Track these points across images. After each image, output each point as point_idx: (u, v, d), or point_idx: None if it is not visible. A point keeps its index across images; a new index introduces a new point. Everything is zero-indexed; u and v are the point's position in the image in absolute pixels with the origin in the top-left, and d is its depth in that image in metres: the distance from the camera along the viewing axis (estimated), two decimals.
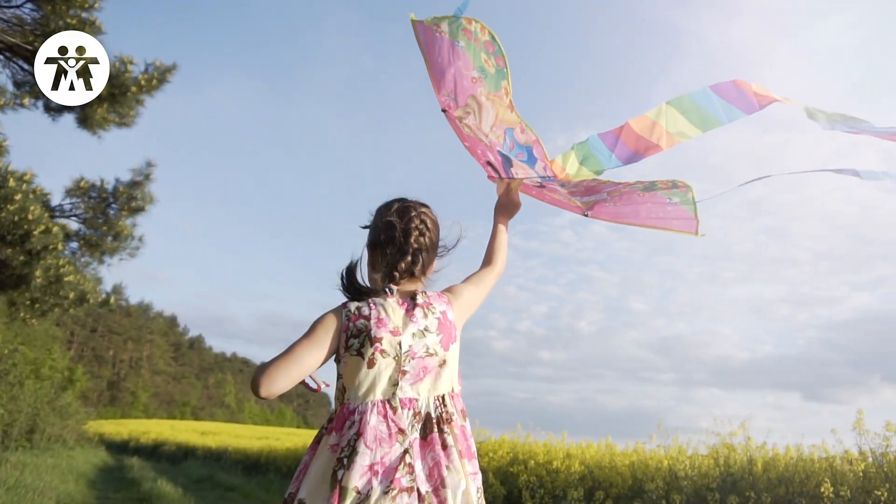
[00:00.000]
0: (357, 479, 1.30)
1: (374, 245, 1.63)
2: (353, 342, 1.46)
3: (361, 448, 1.33)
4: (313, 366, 1.45)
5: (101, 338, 77.84)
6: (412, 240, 1.58)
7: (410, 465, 1.35)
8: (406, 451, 1.36)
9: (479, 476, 1.47)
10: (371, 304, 1.51)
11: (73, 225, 6.13)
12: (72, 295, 5.19)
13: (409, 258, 1.57)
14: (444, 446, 1.41)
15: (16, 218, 4.52)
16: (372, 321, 1.47)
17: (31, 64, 5.55)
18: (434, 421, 1.43)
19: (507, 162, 1.82)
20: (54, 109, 5.91)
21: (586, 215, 1.95)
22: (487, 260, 1.82)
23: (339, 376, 1.50)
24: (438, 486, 1.36)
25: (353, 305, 1.51)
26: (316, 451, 1.42)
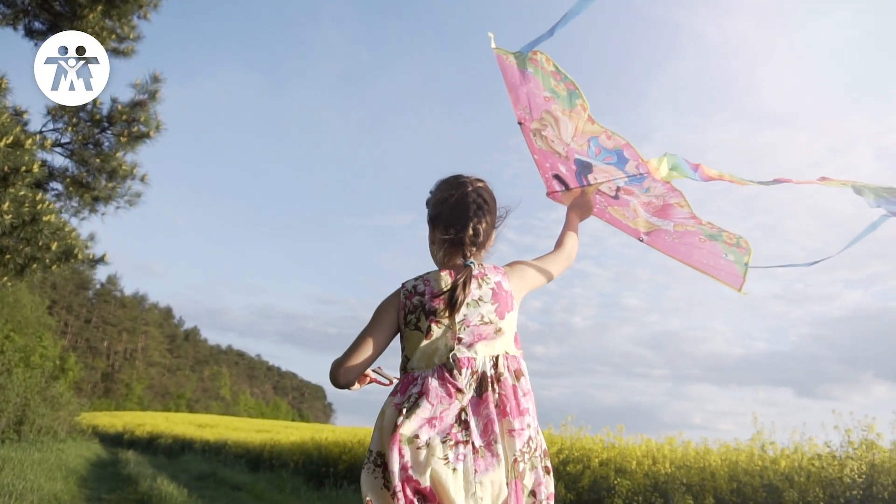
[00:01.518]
0: (416, 427, 1.39)
1: (434, 219, 1.67)
2: (411, 318, 1.56)
3: (423, 402, 1.42)
4: (376, 351, 1.58)
5: (96, 328, 76.96)
6: (471, 213, 1.61)
7: (465, 422, 1.42)
8: (462, 409, 1.44)
9: (525, 432, 1.45)
10: (425, 281, 1.59)
11: (58, 160, 5.11)
12: (54, 246, 4.11)
13: (470, 231, 1.60)
14: (496, 404, 1.46)
15: None
16: (426, 297, 1.55)
17: None
18: (489, 379, 1.48)
19: (586, 168, 1.90)
20: (38, 33, 4.91)
21: (642, 240, 2.04)
22: (558, 244, 1.86)
23: (402, 349, 1.59)
24: (491, 441, 1.41)
25: (409, 284, 1.61)
26: (381, 411, 1.50)
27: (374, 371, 1.73)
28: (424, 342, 1.50)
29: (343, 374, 1.55)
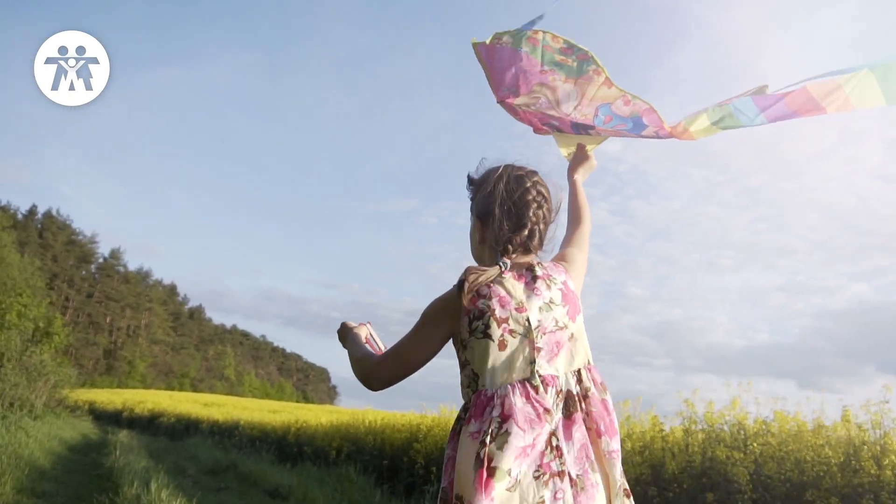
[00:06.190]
0: (511, 460, 1.22)
1: (485, 216, 1.50)
2: (478, 324, 1.36)
3: (514, 429, 1.25)
4: (420, 362, 1.42)
5: (98, 304, 74.32)
6: (530, 213, 1.48)
7: (558, 448, 1.28)
8: (552, 433, 1.29)
9: (620, 453, 1.37)
10: (487, 283, 1.41)
11: None
12: None
13: (526, 233, 1.47)
14: (588, 425, 1.35)
15: None
16: (493, 300, 1.37)
17: None
18: (576, 398, 1.36)
19: (582, 128, 1.81)
20: None
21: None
22: (577, 218, 1.73)
23: (466, 363, 1.38)
24: (587, 469, 1.29)
25: (470, 283, 1.41)
26: (458, 443, 1.31)
27: (370, 334, 1.60)
28: (496, 353, 1.33)
29: (380, 383, 1.43)
